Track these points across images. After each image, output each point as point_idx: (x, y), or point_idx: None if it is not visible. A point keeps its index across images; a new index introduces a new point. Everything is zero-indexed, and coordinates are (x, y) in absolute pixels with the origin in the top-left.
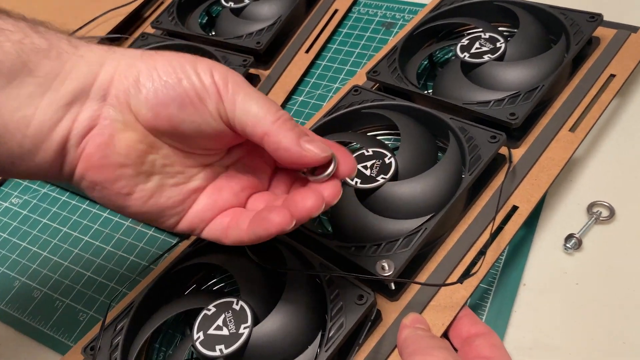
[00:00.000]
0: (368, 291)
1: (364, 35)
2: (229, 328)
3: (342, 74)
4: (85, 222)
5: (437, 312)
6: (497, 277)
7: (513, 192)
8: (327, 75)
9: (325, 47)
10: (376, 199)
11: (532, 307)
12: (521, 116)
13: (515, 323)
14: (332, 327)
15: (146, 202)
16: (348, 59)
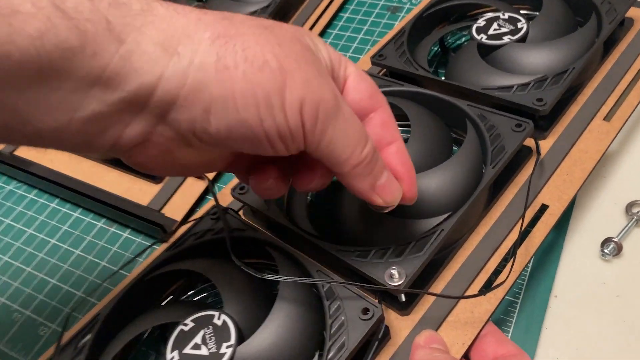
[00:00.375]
0: (375, 304)
1: (368, 20)
2: (209, 347)
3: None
4: (54, 223)
5: (456, 329)
6: (523, 287)
7: (542, 189)
8: None
9: (324, 33)
10: None
11: (566, 322)
12: (550, 102)
13: (547, 341)
14: (332, 347)
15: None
16: (350, 45)
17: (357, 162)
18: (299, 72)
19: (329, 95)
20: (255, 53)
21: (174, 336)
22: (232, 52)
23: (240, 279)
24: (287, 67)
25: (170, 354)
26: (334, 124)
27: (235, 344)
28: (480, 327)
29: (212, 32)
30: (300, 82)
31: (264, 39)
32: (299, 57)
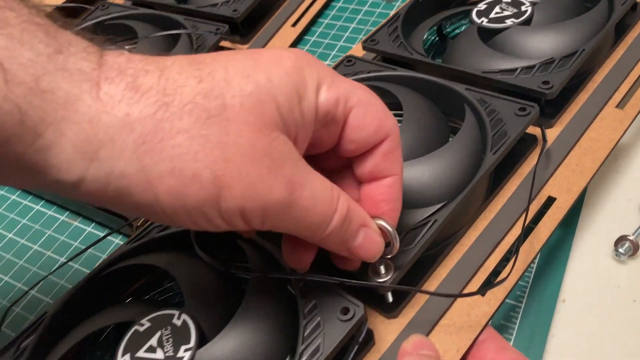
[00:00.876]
0: (356, 303)
1: (361, 10)
2: (165, 350)
3: (334, 51)
4: (12, 216)
5: (449, 334)
6: (527, 290)
7: (548, 180)
8: (316, 52)
9: (315, 22)
10: None
11: (576, 330)
12: (557, 85)
13: (553, 351)
14: (305, 352)
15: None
16: (341, 35)
17: (321, 237)
18: (239, 180)
19: (277, 195)
20: (184, 164)
21: (127, 337)
22: (158, 160)
23: (206, 275)
24: (224, 177)
25: (121, 358)
26: (287, 218)
27: (194, 347)
28: (477, 332)
29: (137, 135)
30: (239, 191)
31: (201, 141)
32: (246, 155)
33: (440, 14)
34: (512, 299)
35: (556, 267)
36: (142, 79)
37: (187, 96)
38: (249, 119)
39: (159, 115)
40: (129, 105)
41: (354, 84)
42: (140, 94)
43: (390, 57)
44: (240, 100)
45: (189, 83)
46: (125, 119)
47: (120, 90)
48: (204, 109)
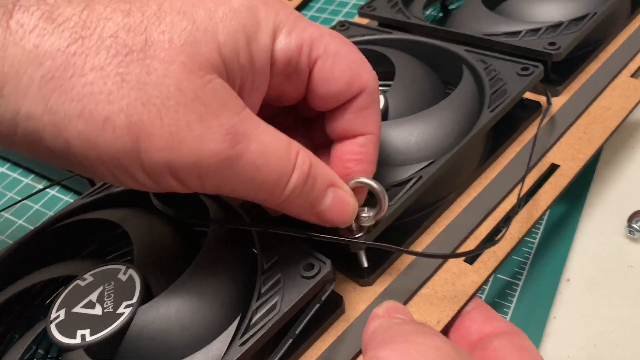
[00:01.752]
0: (322, 259)
1: None
2: (105, 306)
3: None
4: None
5: (430, 305)
6: (527, 266)
7: (551, 147)
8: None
9: None
10: None
11: (580, 312)
12: (565, 46)
13: (555, 334)
14: (259, 309)
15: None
16: (340, 10)
17: (280, 200)
18: (161, 127)
19: (213, 146)
20: (94, 106)
21: (65, 292)
22: (66, 100)
23: (162, 230)
24: (141, 123)
25: (56, 313)
26: (232, 177)
27: (137, 303)
28: (463, 303)
29: (46, 70)
30: (162, 142)
31: (116, 80)
32: (170, 98)
33: None
34: (508, 276)
35: (560, 243)
36: (62, 10)
37: (108, 30)
38: (178, 57)
39: (73, 48)
40: (40, 36)
41: (323, 30)
42: (56, 25)
43: (387, 23)
44: (169, 36)
45: (113, 16)
46: (34, 51)
47: (34, 20)
48: (123, 44)
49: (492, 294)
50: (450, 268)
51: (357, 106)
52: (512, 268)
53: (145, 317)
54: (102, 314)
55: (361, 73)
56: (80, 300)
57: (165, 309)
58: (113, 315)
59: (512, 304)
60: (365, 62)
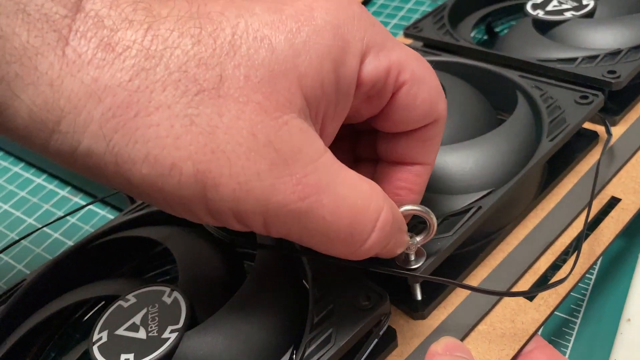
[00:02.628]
0: (378, 290)
1: (403, 7)
2: (149, 329)
3: None
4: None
5: (488, 342)
6: (584, 303)
7: (611, 179)
8: None
9: None
10: None
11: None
12: (625, 75)
13: None
14: (313, 342)
15: None
16: None
17: (360, 255)
18: (229, 177)
19: (281, 198)
20: (160, 151)
21: (108, 313)
22: (129, 142)
23: (207, 251)
24: (209, 172)
25: (98, 334)
26: (299, 229)
27: (183, 328)
28: (523, 342)
29: (106, 107)
30: (229, 191)
31: (184, 123)
32: (242, 144)
33: (490, 7)
34: (565, 313)
35: (619, 280)
36: (121, 34)
37: (175, 61)
38: (254, 96)
39: (136, 83)
40: (99, 68)
41: (409, 52)
42: (116, 55)
43: (434, 45)
44: (245, 71)
45: (181, 44)
46: (93, 86)
47: (92, 48)
48: (194, 80)
49: (548, 331)
50: (508, 304)
51: (425, 135)
52: (569, 305)
53: (191, 343)
54: (146, 338)
55: (439, 102)
56: (123, 322)
57: (213, 337)
58: (158, 340)
59: (570, 343)
60: (441, 90)
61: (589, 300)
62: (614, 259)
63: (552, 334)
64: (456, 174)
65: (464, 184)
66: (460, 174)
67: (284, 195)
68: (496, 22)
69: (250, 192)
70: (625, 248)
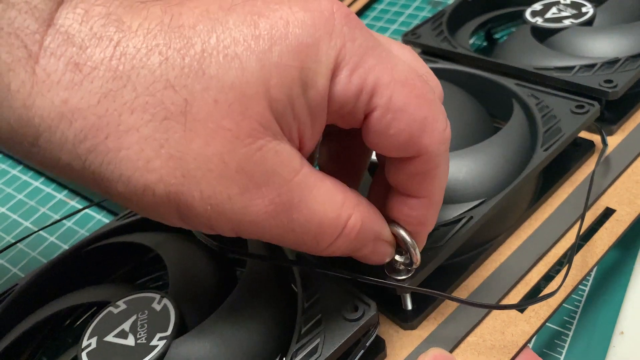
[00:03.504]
0: (367, 301)
1: (404, 13)
2: (138, 336)
3: None
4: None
5: (478, 355)
6: (577, 315)
7: (606, 190)
8: None
9: None
10: None
11: None
12: (622, 84)
13: None
14: (299, 352)
15: None
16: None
17: (318, 255)
18: (201, 200)
19: (253, 217)
20: (132, 173)
21: (98, 319)
22: (103, 163)
23: (199, 259)
24: (181, 195)
25: (87, 340)
26: (269, 237)
27: (171, 336)
28: (513, 354)
29: (78, 130)
30: (201, 211)
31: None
32: (212, 170)
33: (490, 14)
34: (557, 324)
35: (613, 293)
36: (90, 51)
37: (142, 83)
38: (224, 122)
39: (104, 106)
40: (67, 89)
41: (396, 73)
42: (83, 75)
43: (432, 51)
44: (215, 94)
45: (149, 62)
46: (63, 108)
47: (60, 68)
48: (161, 104)
49: (540, 343)
50: (499, 316)
51: (411, 171)
52: (562, 317)
53: (178, 351)
54: (134, 345)
55: (423, 138)
56: (112, 328)
57: (200, 345)
58: (146, 347)
59: (562, 355)
60: (434, 124)
61: (582, 312)
62: (608, 270)
63: (544, 346)
64: (449, 183)
65: (456, 194)
66: (453, 184)
67: (256, 216)
68: (496, 29)
69: (222, 213)
70: (620, 259)
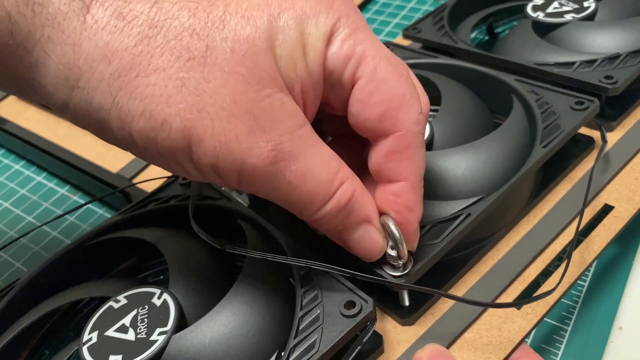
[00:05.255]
0: (364, 297)
1: (405, 6)
2: (138, 331)
3: None
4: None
5: (474, 350)
6: (575, 311)
7: (605, 186)
8: None
9: None
10: None
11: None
12: (622, 80)
13: None
14: (297, 347)
15: None
16: (382, 29)
17: (310, 219)
18: (211, 136)
19: (255, 160)
20: (154, 107)
21: (98, 314)
22: (130, 98)
23: (198, 254)
24: (194, 129)
25: (88, 335)
26: (267, 187)
27: (171, 330)
28: (509, 350)
29: (114, 68)
30: (210, 148)
31: (176, 84)
32: (224, 108)
33: (491, 8)
34: (555, 320)
35: (612, 288)
36: (132, 5)
37: (173, 31)
38: (238, 68)
39: (139, 48)
40: (111, 33)
41: (382, 50)
42: (125, 22)
43: (432, 46)
44: (232, 44)
45: (180, 16)
46: (105, 49)
47: (107, 16)
48: (187, 48)
49: (538, 338)
50: (496, 312)
51: (387, 148)
52: (560, 312)
53: (178, 346)
54: (134, 340)
55: (399, 112)
56: (113, 323)
57: (199, 340)
58: (146, 342)
59: (560, 350)
60: (411, 103)
61: (580, 308)
62: (607, 266)
63: (542, 341)
64: (447, 180)
65: (455, 190)
66: (452, 180)
67: (258, 158)
68: (497, 23)
69: (228, 151)
70: (619, 255)
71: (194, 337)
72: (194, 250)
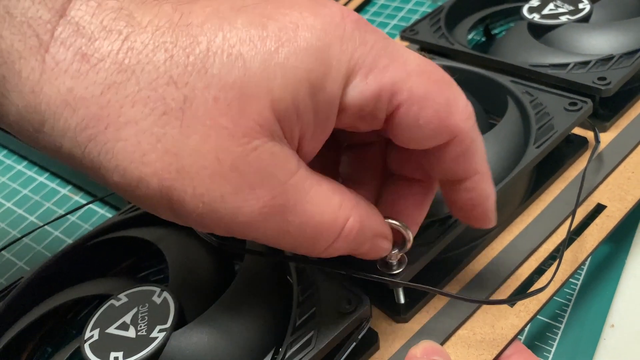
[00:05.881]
0: (360, 295)
1: (404, 8)
2: (139, 329)
3: None
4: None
5: (468, 347)
6: (568, 309)
7: (598, 186)
8: None
9: None
10: None
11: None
12: (615, 82)
13: None
14: (294, 344)
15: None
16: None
17: (322, 256)
18: (193, 197)
19: (245, 218)
20: (128, 165)
21: (100, 311)
22: (101, 152)
23: (198, 253)
24: (174, 190)
25: (90, 332)
26: (264, 238)
27: (170, 328)
28: (502, 347)
29: (80, 118)
30: (192, 207)
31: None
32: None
33: (487, 10)
34: (549, 317)
35: (604, 286)
36: (99, 43)
37: (146, 77)
38: (221, 120)
39: (107, 97)
40: (74, 78)
41: (409, 67)
42: (90, 66)
43: (429, 48)
44: (215, 92)
45: (154, 59)
46: (68, 96)
47: (69, 57)
48: (162, 99)
49: (531, 336)
50: (489, 309)
51: (451, 154)
52: (553, 309)
53: (178, 343)
54: (135, 337)
55: (450, 119)
56: (114, 321)
57: (199, 337)
58: (146, 339)
59: (553, 348)
60: (456, 102)
61: (573, 305)
62: (600, 264)
63: (535, 339)
64: None
65: None
66: None
67: (250, 216)
68: (494, 25)
69: (214, 212)
70: (611, 254)
71: (193, 334)
72: (193, 249)
